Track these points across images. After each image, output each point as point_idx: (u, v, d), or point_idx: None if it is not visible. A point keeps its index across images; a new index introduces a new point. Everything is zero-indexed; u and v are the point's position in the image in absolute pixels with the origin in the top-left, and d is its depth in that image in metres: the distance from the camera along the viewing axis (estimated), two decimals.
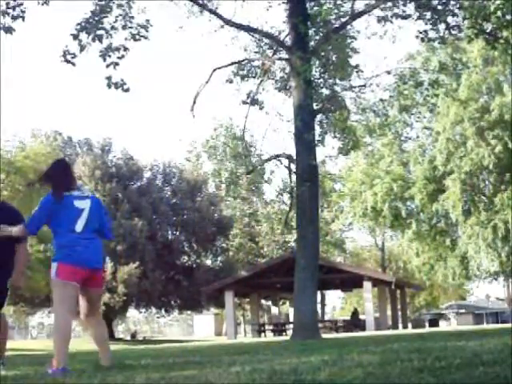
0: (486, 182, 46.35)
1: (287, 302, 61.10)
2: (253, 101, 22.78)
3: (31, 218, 7.02)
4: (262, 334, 40.48)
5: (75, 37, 18.69)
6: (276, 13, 40.84)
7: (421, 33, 21.03)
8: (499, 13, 19.21)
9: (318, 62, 21.71)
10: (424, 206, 46.55)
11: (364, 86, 22.24)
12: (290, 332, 28.51)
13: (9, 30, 17.99)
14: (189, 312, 66.17)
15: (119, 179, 48.69)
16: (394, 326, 42.68)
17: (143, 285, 44.72)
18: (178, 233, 52.59)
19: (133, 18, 19.31)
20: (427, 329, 43.04)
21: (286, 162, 22.60)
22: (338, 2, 21.99)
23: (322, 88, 21.87)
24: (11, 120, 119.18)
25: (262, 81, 22.72)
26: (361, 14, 21.37)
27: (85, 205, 6.91)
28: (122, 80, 18.98)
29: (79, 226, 6.78)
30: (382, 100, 22.98)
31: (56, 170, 7.23)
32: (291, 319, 33.61)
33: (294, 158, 20.84)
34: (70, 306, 6.74)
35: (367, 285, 38.05)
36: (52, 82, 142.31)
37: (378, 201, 47.26)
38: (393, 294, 44.75)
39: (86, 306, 7.00)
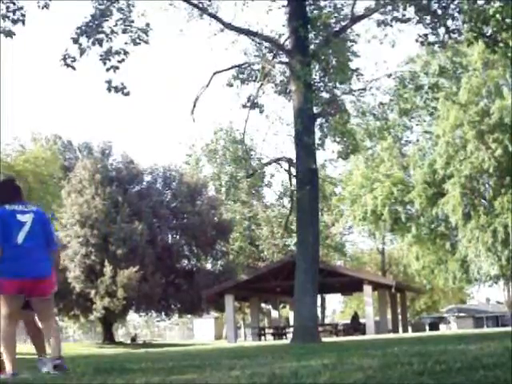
0: (486, 186, 46.35)
1: (287, 306, 60.99)
2: (253, 104, 22.78)
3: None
4: (262, 338, 40.43)
5: (75, 40, 18.70)
6: (276, 16, 40.86)
7: (421, 36, 21.05)
8: (499, 16, 19.21)
9: (317, 66, 21.72)
10: (424, 210, 46.55)
11: (364, 89, 22.25)
12: (290, 336, 28.49)
13: (9, 33, 17.98)
14: (189, 316, 66.21)
15: (119, 183, 48.68)
16: (395, 330, 42.64)
17: (143, 288, 44.68)
18: (178, 236, 52.58)
19: (133, 21, 19.32)
20: (427, 332, 43.02)
21: (286, 165, 22.63)
22: (338, 6, 22.03)
23: (322, 91, 21.88)
24: (11, 123, 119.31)
25: (262, 84, 22.72)
26: (361, 17, 21.39)
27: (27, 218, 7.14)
28: (122, 84, 18.99)
29: (20, 238, 7.01)
30: (381, 103, 22.96)
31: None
32: (291, 323, 33.59)
33: (294, 161, 20.86)
34: (11, 315, 7.01)
35: (367, 288, 38.02)
36: (52, 85, 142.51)
37: (378, 204, 47.28)
38: (393, 298, 44.73)
39: (36, 313, 7.39)
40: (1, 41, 18.38)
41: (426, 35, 20.98)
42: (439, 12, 20.47)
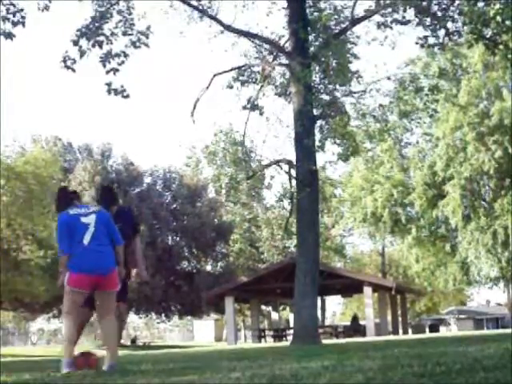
0: (486, 188, 46.30)
1: (287, 308, 61.07)
2: (253, 106, 22.77)
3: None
4: (263, 340, 40.42)
5: (75, 43, 18.73)
6: (276, 18, 40.86)
7: (421, 38, 21.04)
8: (499, 18, 19.21)
9: (317, 68, 21.72)
10: (424, 212, 46.51)
11: (364, 91, 22.24)
12: (290, 337, 28.48)
13: (9, 35, 18.00)
14: (189, 317, 66.21)
15: (119, 185, 48.67)
16: (395, 332, 42.63)
17: (143, 290, 44.66)
18: (178, 238, 52.63)
19: (133, 24, 19.35)
20: (427, 334, 43.01)
21: (286, 167, 22.59)
22: (338, 8, 22.03)
23: (322, 93, 21.87)
24: (11, 125, 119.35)
25: (262, 86, 22.72)
26: (361, 19, 21.39)
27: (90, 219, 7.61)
28: (122, 86, 19.02)
29: (86, 239, 7.48)
30: (381, 105, 22.95)
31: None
32: (291, 325, 33.59)
33: (294, 163, 20.84)
34: (74, 309, 7.50)
35: (367, 290, 38.01)
36: (52, 87, 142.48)
37: (378, 206, 47.24)
38: (393, 300, 44.73)
39: (98, 308, 7.76)
40: (1, 43, 18.41)
41: (425, 37, 20.98)
42: (439, 14, 20.48)
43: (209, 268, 55.48)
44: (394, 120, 29.32)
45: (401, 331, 44.51)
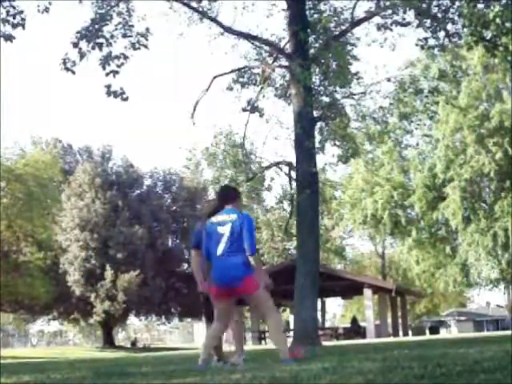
0: (487, 190, 46.31)
1: (287, 310, 60.96)
2: (253, 108, 22.77)
3: None
4: (263, 342, 40.40)
5: (75, 45, 18.73)
6: (276, 20, 40.90)
7: (421, 40, 21.05)
8: (499, 20, 19.22)
9: (317, 70, 21.72)
10: (424, 214, 46.51)
11: (364, 93, 22.26)
12: (290, 339, 28.46)
13: (9, 37, 18.01)
14: (189, 319, 66.10)
15: (119, 187, 48.69)
16: (395, 334, 42.61)
17: (143, 292, 44.69)
18: (178, 240, 52.58)
19: (132, 26, 19.35)
20: (428, 336, 42.98)
21: (286, 169, 22.61)
22: (338, 10, 22.04)
23: (321, 95, 21.87)
24: (11, 127, 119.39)
25: (262, 88, 22.73)
26: (361, 21, 21.41)
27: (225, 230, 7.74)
28: (122, 89, 19.01)
29: (219, 249, 7.70)
30: (381, 107, 22.98)
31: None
32: (291, 326, 33.52)
33: (294, 165, 20.84)
34: (219, 317, 7.98)
35: (367, 292, 38.00)
36: (52, 89, 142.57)
37: (379, 208, 47.23)
38: (393, 302, 44.71)
39: (257, 309, 8.39)
40: (1, 45, 18.41)
41: (425, 39, 20.99)
42: (439, 16, 20.48)
43: None
44: (394, 122, 29.28)
45: (401, 333, 44.50)
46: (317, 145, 20.90)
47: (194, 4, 21.89)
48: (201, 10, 21.86)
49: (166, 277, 48.15)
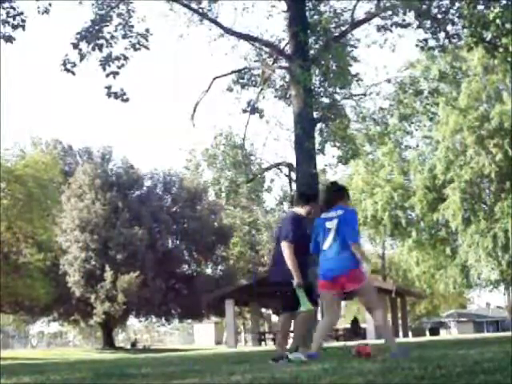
0: (487, 191, 46.31)
1: None
2: (253, 109, 22.78)
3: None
4: (263, 343, 40.38)
5: (75, 46, 18.71)
6: (276, 21, 40.93)
7: (421, 41, 21.07)
8: (499, 21, 19.22)
9: (317, 71, 21.72)
10: (424, 215, 46.51)
11: (364, 94, 22.26)
12: (290, 340, 28.43)
13: (9, 39, 18.00)
14: (189, 321, 66.17)
15: (119, 188, 48.70)
16: (395, 335, 42.55)
17: (143, 293, 44.68)
18: (178, 241, 52.61)
19: (133, 27, 19.34)
20: (428, 337, 42.95)
21: (286, 170, 22.64)
22: (338, 11, 22.04)
23: (322, 96, 21.87)
24: (11, 128, 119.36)
25: (262, 89, 22.74)
26: (361, 22, 21.40)
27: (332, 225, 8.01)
28: (122, 90, 19.00)
29: (326, 244, 8.05)
30: (381, 108, 22.98)
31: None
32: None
33: (294, 166, 20.83)
34: (327, 309, 8.29)
35: None
36: (52, 90, 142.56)
37: (379, 209, 47.25)
38: (393, 303, 44.64)
39: (363, 302, 8.56)
40: (1, 46, 18.39)
41: (426, 40, 21.00)
42: (439, 17, 20.49)
43: (209, 271, 55.46)
44: (394, 123, 29.25)
45: (401, 334, 44.46)
46: (317, 146, 20.88)
47: (193, 5, 21.89)
48: (201, 11, 21.86)
49: (166, 278, 48.17)
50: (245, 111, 22.92)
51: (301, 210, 9.19)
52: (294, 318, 9.33)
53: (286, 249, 8.88)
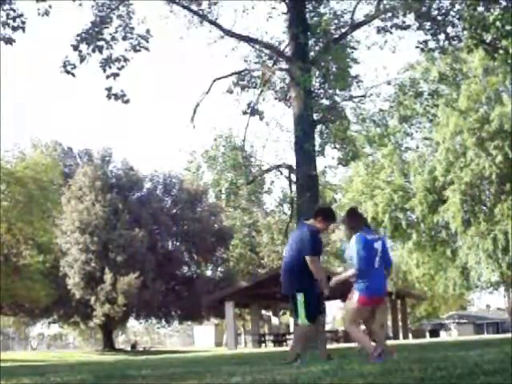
0: (487, 193, 46.28)
1: (287, 313, 60.93)
2: (253, 111, 22.78)
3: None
4: (263, 345, 40.36)
5: (75, 47, 18.73)
6: (276, 23, 40.96)
7: (421, 43, 21.08)
8: (498, 23, 19.24)
9: (317, 72, 21.74)
10: (424, 217, 46.47)
11: (364, 96, 22.28)
12: (290, 342, 28.43)
13: (9, 40, 18.01)
14: (189, 322, 66.13)
15: (119, 190, 48.67)
16: (395, 337, 42.54)
17: (143, 295, 44.63)
18: (178, 243, 52.59)
19: (133, 28, 19.35)
20: (428, 339, 42.93)
21: (286, 172, 22.62)
22: (338, 13, 22.06)
23: (321, 98, 21.89)
24: (11, 130, 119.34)
25: (262, 91, 22.74)
26: (361, 24, 21.42)
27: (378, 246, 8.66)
28: (122, 91, 19.02)
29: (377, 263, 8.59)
30: (381, 110, 23.00)
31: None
32: (291, 329, 33.52)
33: (294, 168, 20.84)
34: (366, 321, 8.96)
35: None
36: (52, 92, 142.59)
37: (379, 211, 47.21)
38: (393, 305, 44.62)
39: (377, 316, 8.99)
40: (1, 47, 18.41)
41: (426, 42, 21.02)
42: (439, 19, 20.50)
43: (209, 273, 55.43)
44: (394, 125, 29.38)
45: (401, 336, 44.44)
46: (317, 148, 20.91)
47: (193, 7, 21.91)
48: (201, 12, 21.88)
49: (166, 280, 48.15)
50: (245, 113, 22.92)
51: (318, 225, 9.43)
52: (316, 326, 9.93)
53: (315, 263, 9.68)
